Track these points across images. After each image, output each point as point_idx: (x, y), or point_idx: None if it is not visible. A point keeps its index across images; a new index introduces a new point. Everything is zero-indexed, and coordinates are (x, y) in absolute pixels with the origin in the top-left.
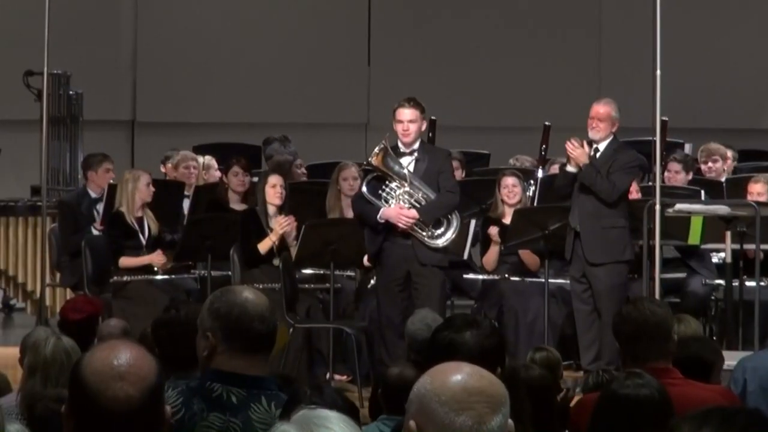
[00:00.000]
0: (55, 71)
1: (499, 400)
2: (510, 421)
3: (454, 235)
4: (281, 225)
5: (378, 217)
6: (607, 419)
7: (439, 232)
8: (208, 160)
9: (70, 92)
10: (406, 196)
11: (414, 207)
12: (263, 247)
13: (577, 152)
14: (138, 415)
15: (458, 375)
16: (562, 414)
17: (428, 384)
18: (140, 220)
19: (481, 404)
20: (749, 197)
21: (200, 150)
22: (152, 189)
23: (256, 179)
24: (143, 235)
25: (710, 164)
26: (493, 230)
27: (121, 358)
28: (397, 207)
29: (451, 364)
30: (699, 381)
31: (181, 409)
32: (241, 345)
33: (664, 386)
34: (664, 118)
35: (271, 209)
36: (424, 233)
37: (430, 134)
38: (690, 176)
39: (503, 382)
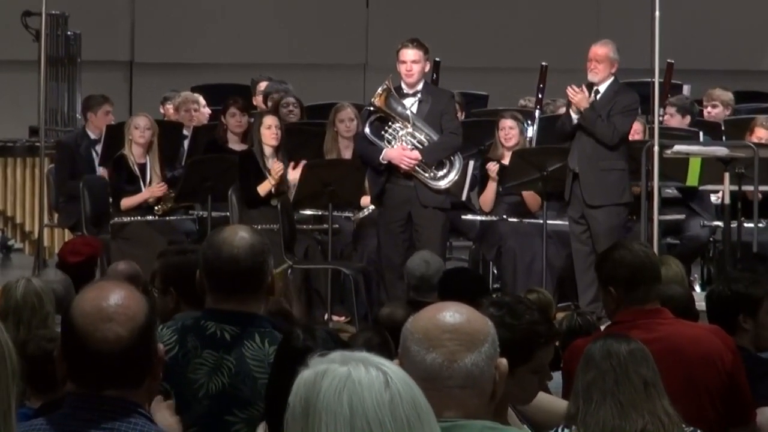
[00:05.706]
0: (54, 12)
1: (476, 337)
2: (503, 360)
3: (456, 177)
4: (276, 171)
5: (380, 158)
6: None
7: (441, 173)
8: (195, 97)
9: (69, 33)
10: (409, 137)
11: (417, 148)
12: (262, 189)
13: (578, 97)
14: (129, 354)
15: (436, 314)
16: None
17: (409, 323)
18: (143, 167)
19: (453, 342)
20: (753, 139)
21: (198, 91)
22: (144, 131)
23: (253, 120)
24: (144, 182)
25: (710, 109)
26: (492, 166)
27: (110, 299)
28: (400, 148)
29: (438, 304)
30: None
31: (174, 347)
32: (213, 285)
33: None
34: (670, 61)
35: (268, 150)
36: (427, 174)
37: (434, 75)
38: (687, 120)
39: None
